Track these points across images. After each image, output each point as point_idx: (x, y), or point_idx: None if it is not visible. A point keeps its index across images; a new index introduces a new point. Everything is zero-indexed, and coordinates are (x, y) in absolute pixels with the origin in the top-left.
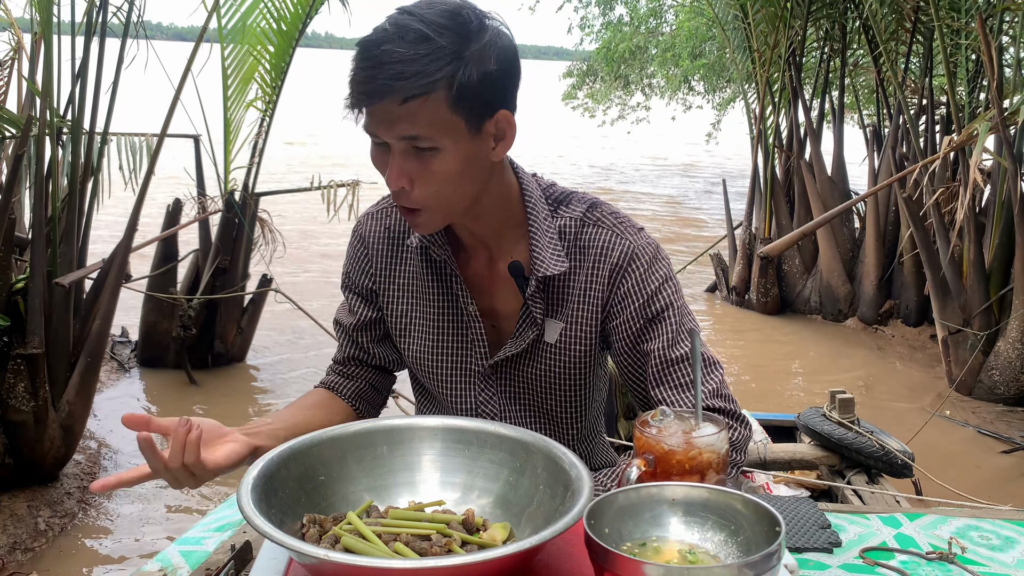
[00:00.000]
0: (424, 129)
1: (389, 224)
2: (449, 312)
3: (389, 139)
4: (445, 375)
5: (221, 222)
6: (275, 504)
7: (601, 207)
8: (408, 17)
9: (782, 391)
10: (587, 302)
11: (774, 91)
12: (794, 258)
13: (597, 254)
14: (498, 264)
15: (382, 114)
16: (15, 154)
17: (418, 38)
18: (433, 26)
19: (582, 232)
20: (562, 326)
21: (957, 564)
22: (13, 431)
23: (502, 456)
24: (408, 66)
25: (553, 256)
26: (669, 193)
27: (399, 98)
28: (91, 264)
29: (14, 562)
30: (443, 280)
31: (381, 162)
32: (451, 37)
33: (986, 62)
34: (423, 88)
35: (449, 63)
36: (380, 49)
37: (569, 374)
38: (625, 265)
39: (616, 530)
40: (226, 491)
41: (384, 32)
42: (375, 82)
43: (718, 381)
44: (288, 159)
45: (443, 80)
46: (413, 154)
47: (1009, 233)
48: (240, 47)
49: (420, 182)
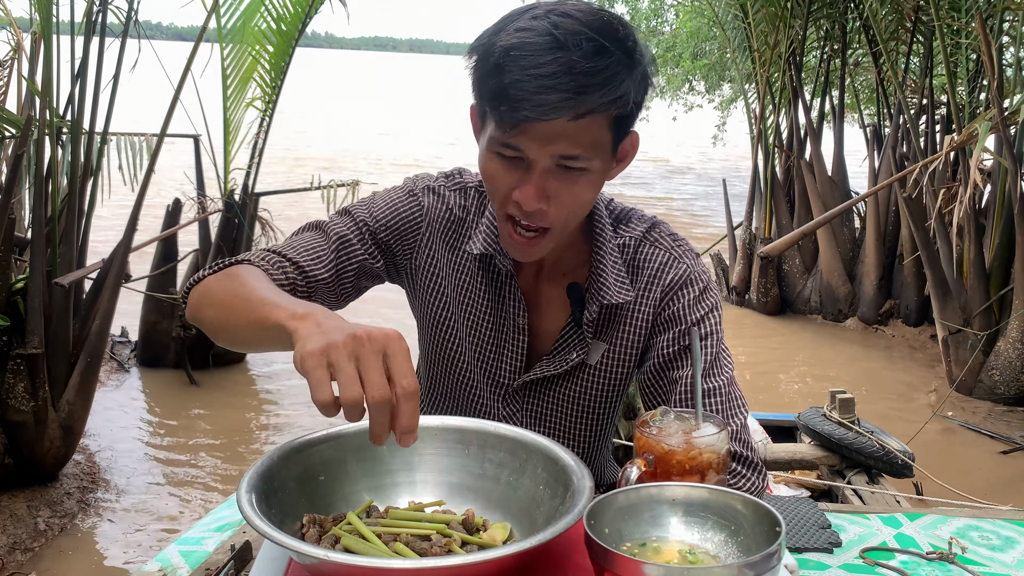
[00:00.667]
0: (583, 149)
1: (451, 206)
2: (493, 319)
3: (538, 156)
4: (473, 383)
5: (221, 222)
6: (275, 504)
7: (661, 227)
8: (572, 23)
9: (782, 391)
10: (635, 322)
11: (774, 91)
12: (794, 258)
13: (652, 274)
14: (548, 280)
15: (542, 129)
16: (15, 154)
17: (595, 50)
18: (606, 37)
19: (639, 251)
20: (605, 347)
21: (957, 564)
22: (13, 431)
23: (502, 456)
24: (590, 79)
25: (617, 282)
26: (669, 193)
27: (574, 114)
28: (91, 264)
29: (14, 562)
30: (495, 287)
31: (505, 177)
32: (620, 50)
33: (986, 62)
34: (605, 106)
35: (625, 80)
36: (551, 57)
37: (604, 396)
38: (677, 288)
39: (616, 530)
40: (226, 491)
41: (550, 38)
42: (551, 94)
43: (739, 425)
44: (288, 159)
45: (622, 98)
46: (558, 173)
47: (1009, 233)
48: (239, 47)
49: (557, 203)
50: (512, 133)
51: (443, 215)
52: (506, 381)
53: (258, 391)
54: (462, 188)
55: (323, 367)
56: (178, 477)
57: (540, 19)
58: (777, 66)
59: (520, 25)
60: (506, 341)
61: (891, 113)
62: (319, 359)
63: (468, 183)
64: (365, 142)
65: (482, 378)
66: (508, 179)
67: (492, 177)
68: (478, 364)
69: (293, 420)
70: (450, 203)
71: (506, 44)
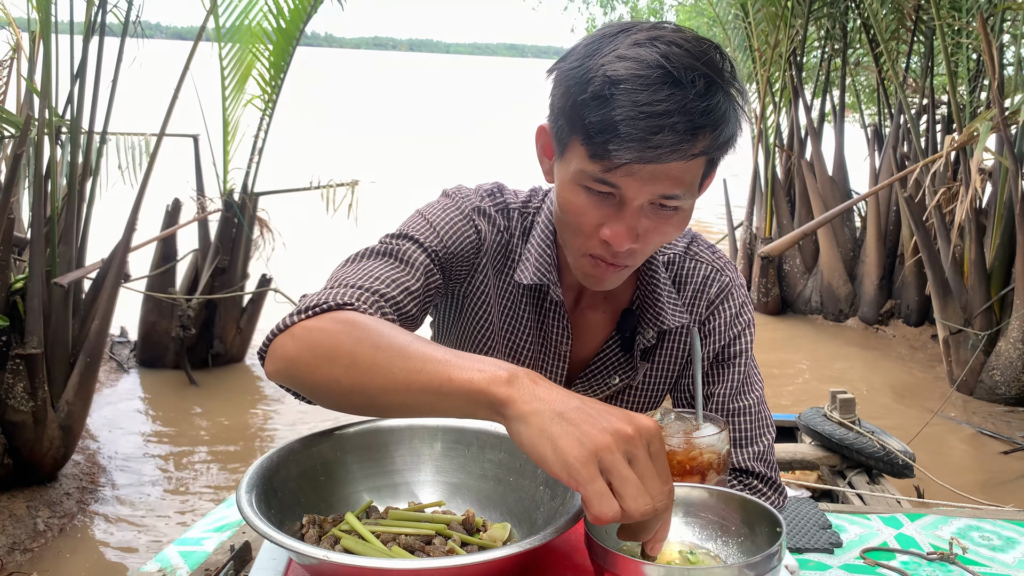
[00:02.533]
0: (684, 188)
1: (502, 229)
2: (534, 345)
3: (637, 195)
4: None
5: (220, 222)
6: (274, 504)
7: (699, 241)
8: (682, 54)
9: (783, 391)
10: (680, 341)
11: (775, 90)
12: (795, 258)
13: (695, 289)
14: (587, 305)
15: (650, 170)
16: (14, 154)
17: (708, 87)
18: (714, 71)
19: (683, 267)
20: (647, 366)
21: (958, 564)
22: (12, 431)
23: (502, 456)
24: (704, 119)
25: (671, 304)
26: None
27: (686, 155)
28: (90, 264)
29: (13, 562)
30: (541, 315)
31: (593, 212)
32: (730, 87)
33: (987, 61)
34: (718, 148)
35: (733, 119)
36: (666, 94)
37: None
38: (719, 302)
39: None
40: (225, 491)
41: (662, 72)
42: (667, 135)
43: (765, 445)
44: (288, 158)
45: (733, 138)
46: (651, 211)
47: (1010, 233)
48: (239, 46)
49: (645, 240)
50: (616, 172)
51: (495, 240)
52: None
53: (258, 391)
54: (505, 209)
55: (599, 475)
56: (178, 477)
57: (645, 47)
58: (778, 66)
59: (623, 52)
60: (545, 367)
61: (892, 113)
62: (591, 464)
63: (511, 203)
64: (365, 143)
65: None
66: (596, 215)
67: (576, 212)
68: None
69: (293, 420)
70: (500, 226)
71: (613, 74)
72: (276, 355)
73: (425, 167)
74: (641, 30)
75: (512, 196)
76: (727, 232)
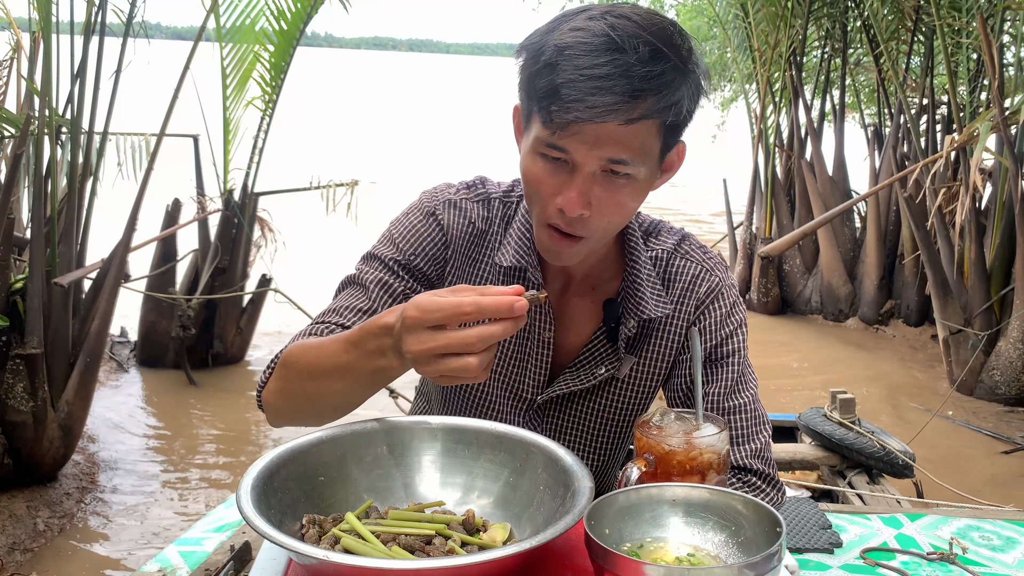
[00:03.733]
0: (632, 154)
1: (472, 219)
2: (519, 334)
3: (586, 159)
4: (492, 398)
5: (220, 222)
6: (275, 505)
7: (690, 240)
8: (629, 25)
9: (782, 391)
10: (669, 336)
11: (775, 90)
12: (795, 258)
13: (684, 287)
14: (576, 293)
15: (593, 131)
16: (14, 153)
17: (651, 54)
18: (661, 43)
19: (671, 264)
20: (634, 360)
21: (958, 564)
22: (12, 431)
23: (502, 456)
24: (645, 83)
25: (654, 296)
26: (669, 192)
27: (626, 117)
28: (90, 264)
29: (13, 562)
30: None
31: (548, 180)
32: (676, 57)
33: (987, 61)
34: (658, 112)
35: (680, 87)
36: (607, 58)
37: (629, 409)
38: (709, 302)
39: (616, 531)
40: (226, 491)
41: (606, 39)
42: (605, 95)
43: (762, 443)
44: (288, 159)
45: (676, 105)
46: (603, 179)
47: (1010, 233)
48: (239, 46)
49: (599, 210)
50: (561, 134)
51: (466, 230)
52: (529, 395)
53: None
54: (485, 199)
55: (439, 360)
56: (177, 477)
57: (596, 20)
58: (778, 66)
59: (575, 25)
60: (529, 355)
61: (892, 113)
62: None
63: (492, 193)
64: (365, 143)
65: (502, 393)
66: (551, 183)
67: (534, 180)
68: (499, 379)
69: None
70: (472, 216)
71: (560, 43)
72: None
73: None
74: (598, 8)
75: (494, 187)
76: (727, 232)
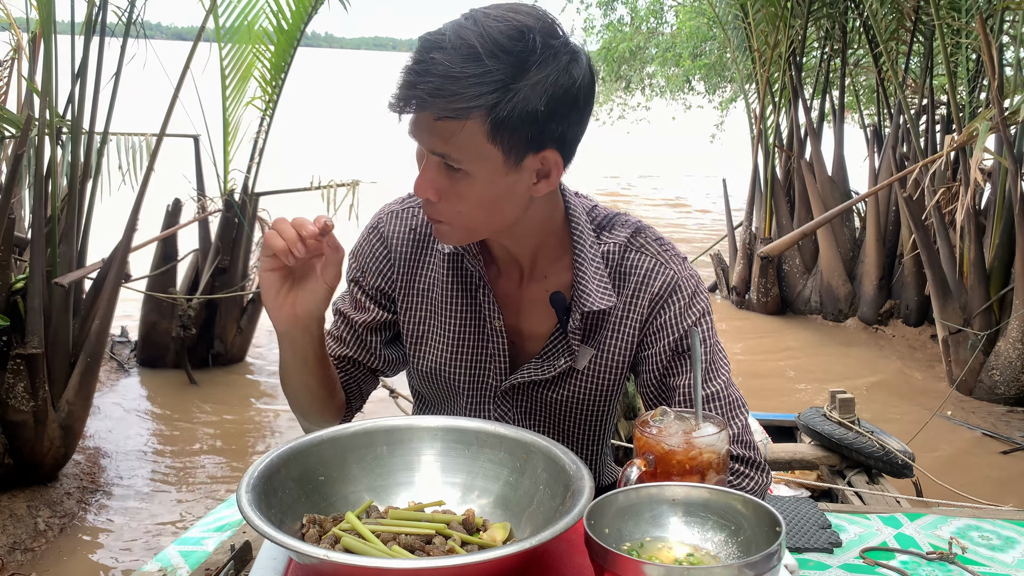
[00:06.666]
0: (456, 151)
1: (415, 225)
2: (471, 323)
3: (421, 147)
4: (462, 388)
5: (221, 222)
6: (275, 504)
7: (645, 233)
8: (470, 27)
9: (782, 391)
10: (623, 330)
11: (774, 91)
12: (794, 258)
13: (638, 281)
14: (530, 284)
15: (420, 122)
16: (15, 154)
17: (469, 56)
18: (491, 45)
19: (624, 258)
20: (593, 352)
21: (957, 564)
22: (13, 431)
23: (502, 456)
24: (449, 84)
25: (599, 289)
26: (668, 193)
27: (433, 115)
28: (91, 264)
29: (14, 562)
30: (469, 290)
31: (419, 162)
32: (505, 62)
33: (987, 62)
34: (455, 112)
35: (492, 92)
36: (429, 56)
37: (593, 400)
38: (666, 296)
39: (616, 530)
40: (226, 491)
41: (441, 37)
42: (415, 90)
43: (740, 427)
44: (289, 159)
45: (479, 109)
46: (444, 169)
47: (1009, 233)
48: (239, 46)
49: (447, 199)
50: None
51: (405, 236)
52: (493, 383)
53: (258, 391)
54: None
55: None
56: (178, 477)
57: (465, 18)
58: (777, 66)
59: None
60: (487, 343)
61: (891, 113)
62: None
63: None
64: (365, 143)
65: (468, 381)
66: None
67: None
68: (462, 368)
69: (293, 420)
70: (414, 223)
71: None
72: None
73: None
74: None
75: None
76: (727, 232)
